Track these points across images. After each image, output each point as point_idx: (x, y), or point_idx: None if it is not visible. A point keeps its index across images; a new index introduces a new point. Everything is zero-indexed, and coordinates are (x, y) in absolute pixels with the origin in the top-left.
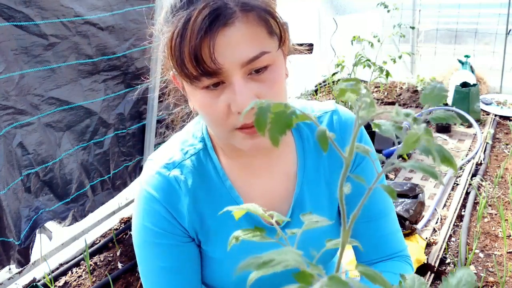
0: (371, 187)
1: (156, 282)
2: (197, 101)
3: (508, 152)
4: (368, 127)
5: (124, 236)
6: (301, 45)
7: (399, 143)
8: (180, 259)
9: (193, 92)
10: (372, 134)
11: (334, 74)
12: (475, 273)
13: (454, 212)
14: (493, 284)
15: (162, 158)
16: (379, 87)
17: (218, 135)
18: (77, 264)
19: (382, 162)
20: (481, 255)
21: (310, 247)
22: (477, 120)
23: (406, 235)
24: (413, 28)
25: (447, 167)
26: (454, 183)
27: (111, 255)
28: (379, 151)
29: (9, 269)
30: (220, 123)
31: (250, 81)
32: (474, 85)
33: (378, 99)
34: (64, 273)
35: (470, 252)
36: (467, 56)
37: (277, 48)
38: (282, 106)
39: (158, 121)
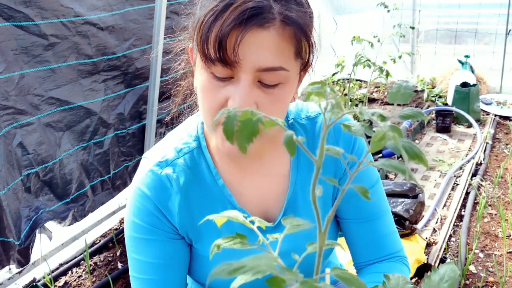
0: (345, 188)
1: (141, 278)
2: (201, 82)
3: (508, 152)
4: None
5: (124, 236)
6: None
7: (369, 142)
8: (166, 256)
9: (201, 72)
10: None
11: (334, 74)
12: (474, 273)
13: (454, 212)
14: (493, 284)
15: (156, 156)
16: (379, 87)
17: (206, 123)
18: (77, 264)
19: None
20: (481, 255)
21: (302, 250)
22: (477, 120)
23: (406, 235)
24: (413, 28)
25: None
26: (454, 183)
27: (111, 255)
28: (379, 152)
29: (9, 269)
30: (211, 112)
31: (257, 88)
32: (474, 85)
33: (378, 99)
34: (64, 273)
35: (470, 252)
36: (467, 56)
37: (298, 71)
38: (248, 114)
39: (158, 121)
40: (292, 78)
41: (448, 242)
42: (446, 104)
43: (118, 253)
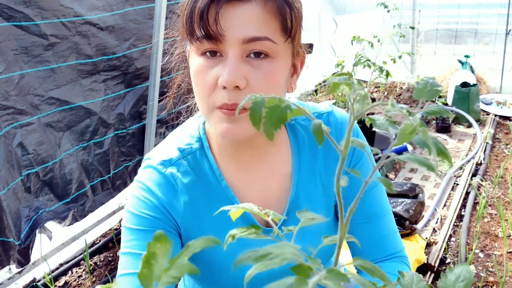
0: (368, 180)
1: (135, 273)
2: (193, 67)
3: (508, 152)
4: (366, 127)
5: None
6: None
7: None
8: None
9: (194, 57)
10: (372, 134)
11: (334, 74)
12: (475, 273)
13: (454, 212)
14: (493, 284)
15: (159, 156)
16: (379, 87)
17: (201, 108)
18: (77, 264)
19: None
20: (481, 255)
21: (307, 245)
22: (477, 120)
23: (406, 235)
24: (413, 28)
25: (446, 164)
26: (454, 183)
27: (111, 255)
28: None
29: (9, 269)
30: (205, 97)
31: (245, 63)
32: (474, 85)
33: (378, 99)
34: (64, 273)
35: (470, 252)
36: (467, 56)
37: (288, 49)
38: (276, 100)
39: (158, 121)
40: (281, 54)
41: (448, 242)
42: (446, 104)
43: (118, 253)
